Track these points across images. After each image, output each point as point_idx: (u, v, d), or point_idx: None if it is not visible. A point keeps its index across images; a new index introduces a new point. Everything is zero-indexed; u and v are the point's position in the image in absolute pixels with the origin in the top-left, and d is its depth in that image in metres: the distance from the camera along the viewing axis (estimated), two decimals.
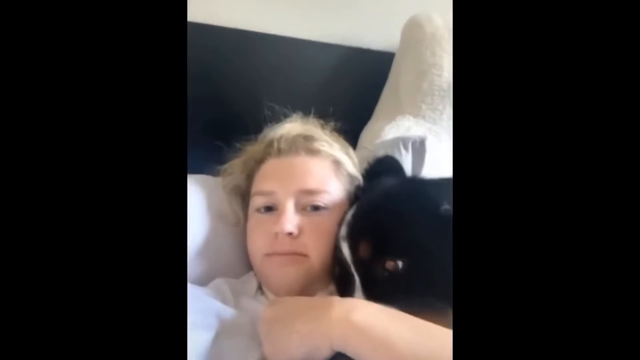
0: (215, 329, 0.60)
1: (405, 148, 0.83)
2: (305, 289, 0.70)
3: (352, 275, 0.60)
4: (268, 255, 0.71)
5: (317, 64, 1.14)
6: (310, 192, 0.72)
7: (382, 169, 0.73)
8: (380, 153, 0.80)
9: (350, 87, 1.13)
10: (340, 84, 1.13)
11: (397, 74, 1.08)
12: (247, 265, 0.77)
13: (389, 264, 0.57)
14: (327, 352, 0.52)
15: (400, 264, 0.56)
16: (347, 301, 0.55)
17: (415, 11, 1.09)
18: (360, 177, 0.77)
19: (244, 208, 0.80)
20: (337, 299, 0.56)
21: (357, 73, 1.15)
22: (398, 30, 1.11)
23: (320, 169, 0.75)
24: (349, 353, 0.50)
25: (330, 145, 0.79)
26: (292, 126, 0.81)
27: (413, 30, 1.06)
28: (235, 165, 0.83)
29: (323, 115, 0.83)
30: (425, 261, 0.56)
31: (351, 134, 0.87)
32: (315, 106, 0.83)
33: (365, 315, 0.52)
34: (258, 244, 0.73)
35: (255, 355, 0.59)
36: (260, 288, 0.75)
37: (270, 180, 0.75)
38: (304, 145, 0.77)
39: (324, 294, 0.71)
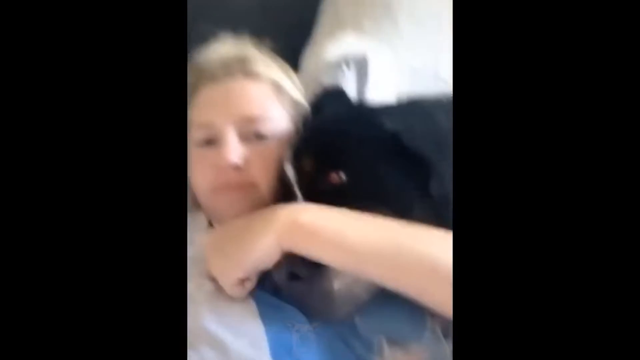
0: None
1: (348, 67, 0.78)
2: None
3: (295, 195, 0.59)
4: (215, 190, 0.67)
5: None
6: (252, 120, 0.67)
7: (328, 101, 0.70)
8: (324, 78, 0.75)
9: (283, 2, 1.04)
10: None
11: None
12: (192, 204, 0.73)
13: (333, 177, 0.57)
14: (277, 256, 0.54)
15: (343, 176, 0.57)
16: (293, 205, 0.56)
17: None
18: (304, 103, 0.73)
19: None
20: (281, 206, 0.57)
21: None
22: None
23: (260, 94, 0.70)
24: (299, 251, 0.52)
25: (269, 66, 0.73)
26: (224, 48, 0.73)
27: None
28: None
29: (257, 34, 0.76)
30: (368, 173, 0.57)
31: (290, 53, 0.81)
32: (247, 24, 0.76)
33: (312, 214, 0.54)
34: (202, 180, 0.68)
35: (209, 286, 0.58)
36: (210, 224, 0.72)
37: (207, 110, 0.68)
38: (241, 68, 0.70)
39: None
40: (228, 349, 0.54)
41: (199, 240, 0.66)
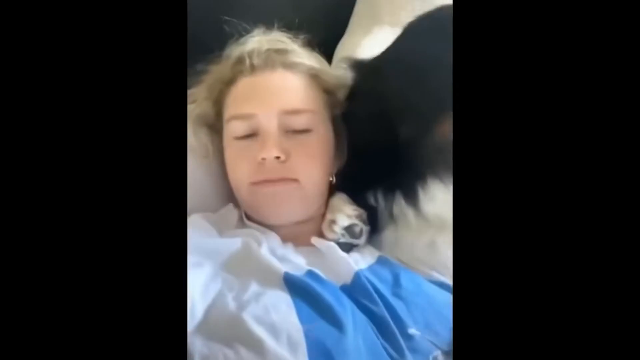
0: (206, 264, 0.57)
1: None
2: (300, 216, 0.67)
3: None
4: (255, 184, 0.66)
5: None
6: (295, 112, 0.66)
7: None
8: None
9: None
10: None
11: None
12: (224, 198, 0.73)
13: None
14: None
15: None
16: None
17: None
18: (342, 94, 0.71)
19: (213, 138, 0.74)
20: None
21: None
22: None
23: (301, 86, 0.69)
24: None
25: (308, 58, 0.72)
26: (260, 40, 0.72)
27: None
28: (198, 91, 0.75)
29: (289, 28, 0.74)
30: None
31: (324, 49, 0.79)
32: (279, 18, 0.74)
33: None
34: (242, 173, 0.67)
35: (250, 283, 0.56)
36: (241, 219, 0.71)
37: (248, 102, 0.67)
38: (280, 59, 0.69)
39: (318, 219, 0.69)
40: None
41: (230, 236, 0.65)
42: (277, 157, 0.64)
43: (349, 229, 0.67)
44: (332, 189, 0.72)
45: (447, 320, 0.57)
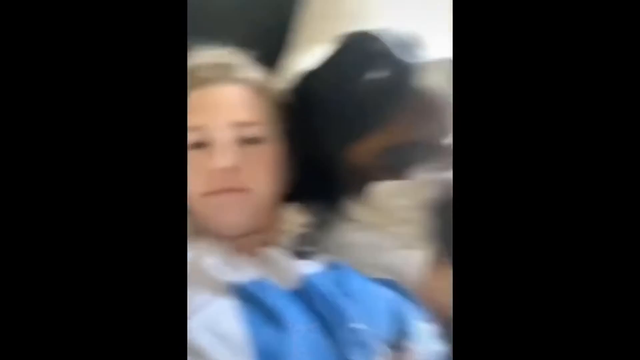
0: None
1: None
2: (251, 226, 0.68)
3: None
4: (206, 195, 0.66)
5: None
6: (245, 124, 0.68)
7: None
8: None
9: (263, 13, 1.06)
10: (251, 10, 1.05)
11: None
12: None
13: None
14: None
15: None
16: None
17: None
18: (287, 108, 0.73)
19: None
20: None
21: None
22: None
23: (250, 99, 0.70)
24: None
25: (255, 72, 0.74)
26: (211, 55, 0.74)
27: None
28: None
29: (238, 44, 0.76)
30: None
31: (270, 66, 0.82)
32: (228, 34, 0.76)
33: None
34: (195, 183, 0.66)
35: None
36: (192, 231, 0.71)
37: (198, 113, 0.67)
38: (230, 74, 0.71)
39: (270, 229, 0.70)
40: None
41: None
42: (231, 166, 0.65)
43: (302, 238, 0.69)
44: (283, 199, 0.73)
45: (390, 316, 0.61)
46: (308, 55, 0.90)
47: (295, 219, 0.71)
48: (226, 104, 0.69)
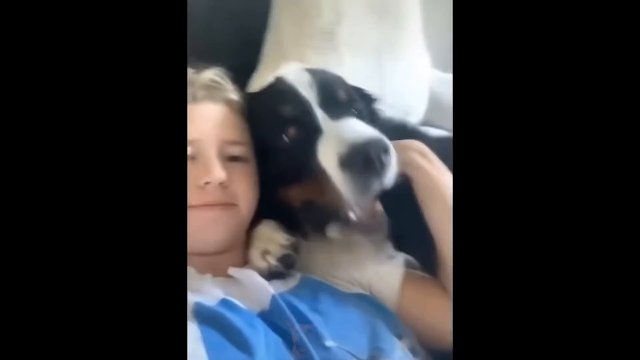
0: None
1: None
2: (232, 240, 0.68)
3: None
4: (195, 207, 0.65)
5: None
6: (233, 143, 0.70)
7: None
8: None
9: (230, 33, 1.06)
10: (219, 31, 1.05)
11: (277, 18, 1.03)
12: None
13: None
14: None
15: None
16: None
17: None
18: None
19: None
20: None
21: (236, 18, 1.08)
22: None
23: (238, 120, 0.72)
24: None
25: (237, 94, 0.75)
26: (203, 73, 0.74)
27: None
28: None
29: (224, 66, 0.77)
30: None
31: (237, 85, 0.82)
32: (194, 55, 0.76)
33: None
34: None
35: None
36: None
37: (191, 127, 0.66)
38: (219, 95, 0.72)
39: (238, 248, 0.70)
40: None
41: None
42: (221, 183, 0.66)
43: (283, 259, 0.69)
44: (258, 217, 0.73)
45: (364, 330, 0.60)
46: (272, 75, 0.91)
47: (278, 239, 0.70)
48: (216, 122, 0.70)
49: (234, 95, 0.74)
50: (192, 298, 0.58)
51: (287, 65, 0.94)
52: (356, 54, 0.98)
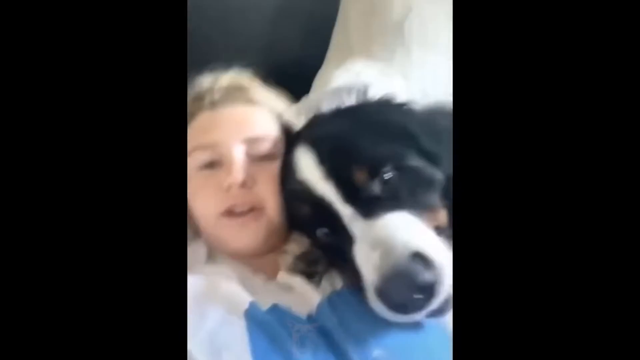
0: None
1: (349, 95, 0.77)
2: (267, 245, 0.66)
3: (334, 214, 0.57)
4: (224, 214, 0.65)
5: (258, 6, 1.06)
6: (258, 140, 0.66)
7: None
8: (324, 105, 0.74)
9: (298, 29, 1.06)
10: (287, 27, 1.05)
11: (345, 14, 1.02)
12: (192, 233, 0.72)
13: (388, 177, 0.57)
14: None
15: (391, 173, 0.57)
16: None
17: None
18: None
19: None
20: None
21: (305, 15, 1.07)
22: None
23: (261, 117, 0.69)
24: None
25: (267, 95, 0.73)
26: (223, 78, 0.73)
27: None
28: None
29: (259, 66, 0.77)
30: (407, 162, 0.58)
31: (302, 80, 0.82)
32: (260, 51, 0.77)
33: None
34: (209, 203, 0.66)
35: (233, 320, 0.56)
36: (210, 253, 0.70)
37: (210, 132, 0.67)
38: (240, 96, 0.71)
39: (280, 250, 0.68)
40: None
41: (199, 272, 0.65)
42: (244, 183, 0.64)
43: (302, 258, 0.68)
44: None
45: (413, 340, 0.58)
46: (339, 70, 0.90)
47: (299, 238, 0.68)
48: (237, 122, 0.68)
49: (259, 95, 0.72)
50: (246, 297, 0.58)
51: (352, 61, 0.93)
52: (425, 50, 0.94)
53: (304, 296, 0.62)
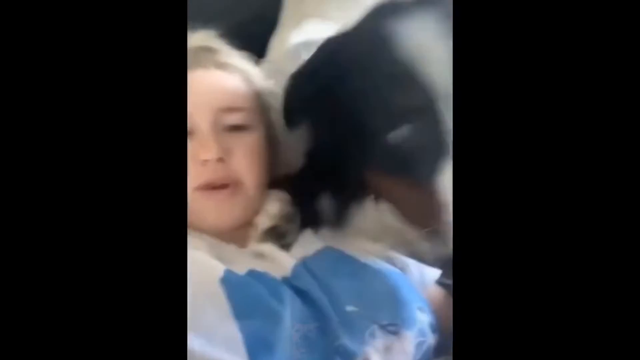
0: None
1: (308, 52, 0.76)
2: (243, 219, 0.67)
3: None
4: (200, 189, 0.64)
5: None
6: (231, 110, 0.66)
7: None
8: (286, 65, 0.73)
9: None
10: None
11: None
12: None
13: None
14: None
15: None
16: None
17: None
18: (274, 92, 0.71)
19: None
20: None
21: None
22: None
23: (235, 85, 0.68)
24: None
25: (238, 58, 0.71)
26: (192, 40, 0.70)
27: None
28: None
29: (220, 28, 0.73)
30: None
31: (257, 45, 0.79)
32: (208, 17, 0.73)
33: None
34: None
35: None
36: None
37: None
38: (210, 58, 0.69)
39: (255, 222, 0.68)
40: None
41: None
42: (220, 158, 0.63)
43: (271, 231, 0.67)
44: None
45: (385, 298, 0.59)
46: (293, 33, 0.88)
47: (270, 209, 0.68)
48: (210, 90, 0.67)
49: (230, 59, 0.70)
50: (220, 266, 0.58)
51: (307, 22, 0.92)
52: None
53: (278, 261, 0.62)
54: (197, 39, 0.71)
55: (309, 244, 0.67)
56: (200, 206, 0.65)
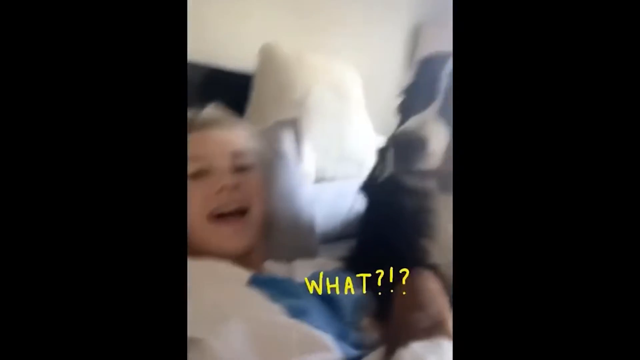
0: None
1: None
2: (251, 245, 0.76)
3: None
4: (213, 216, 0.73)
5: None
6: (240, 154, 0.80)
7: None
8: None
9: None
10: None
11: (257, 95, 1.24)
12: None
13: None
14: None
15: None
16: None
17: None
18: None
19: None
20: None
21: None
22: (252, 53, 1.25)
23: (239, 137, 0.84)
24: None
25: (236, 124, 0.88)
26: (202, 112, 0.85)
27: (268, 54, 1.25)
28: None
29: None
30: None
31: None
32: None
33: None
34: (197, 207, 0.73)
35: None
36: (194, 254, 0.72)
37: (200, 147, 0.78)
38: (219, 122, 0.85)
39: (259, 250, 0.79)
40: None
41: None
42: (233, 185, 0.74)
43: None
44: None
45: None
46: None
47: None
48: (223, 140, 0.82)
49: (232, 123, 0.85)
50: (245, 272, 0.68)
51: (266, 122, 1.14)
52: (320, 119, 1.24)
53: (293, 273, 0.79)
54: (208, 112, 0.88)
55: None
56: (213, 233, 0.74)
